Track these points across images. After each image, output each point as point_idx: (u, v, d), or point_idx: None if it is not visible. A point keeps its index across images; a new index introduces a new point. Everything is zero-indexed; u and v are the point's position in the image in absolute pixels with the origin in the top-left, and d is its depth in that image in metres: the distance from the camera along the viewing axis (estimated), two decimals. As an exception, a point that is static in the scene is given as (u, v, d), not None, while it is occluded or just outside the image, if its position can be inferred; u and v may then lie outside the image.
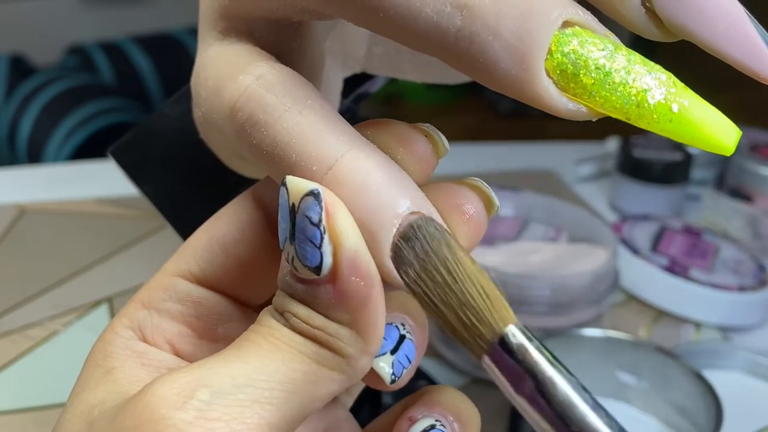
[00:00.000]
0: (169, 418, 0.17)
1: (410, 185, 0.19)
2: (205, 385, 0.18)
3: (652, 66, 0.17)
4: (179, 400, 0.18)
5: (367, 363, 0.19)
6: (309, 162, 0.19)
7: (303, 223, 0.18)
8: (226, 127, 0.21)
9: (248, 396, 0.18)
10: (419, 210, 0.19)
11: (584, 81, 0.17)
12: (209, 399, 0.18)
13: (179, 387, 0.18)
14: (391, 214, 0.18)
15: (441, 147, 0.21)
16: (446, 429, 0.22)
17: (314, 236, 0.18)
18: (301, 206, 0.18)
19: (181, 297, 0.22)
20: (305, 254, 0.18)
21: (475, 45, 0.17)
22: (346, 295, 0.18)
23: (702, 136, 0.17)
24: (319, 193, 0.18)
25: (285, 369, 0.18)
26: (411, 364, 0.22)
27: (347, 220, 0.18)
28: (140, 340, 0.21)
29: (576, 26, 0.17)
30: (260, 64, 0.20)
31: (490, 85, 0.18)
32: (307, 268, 0.18)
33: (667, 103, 0.17)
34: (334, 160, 0.19)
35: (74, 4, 1.65)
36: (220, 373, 0.18)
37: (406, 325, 0.22)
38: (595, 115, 0.17)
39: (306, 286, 0.19)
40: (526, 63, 0.17)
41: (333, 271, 0.18)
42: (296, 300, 0.19)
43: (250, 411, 0.18)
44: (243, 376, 0.18)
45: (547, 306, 0.46)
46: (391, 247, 0.19)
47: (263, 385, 0.18)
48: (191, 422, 0.17)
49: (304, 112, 0.19)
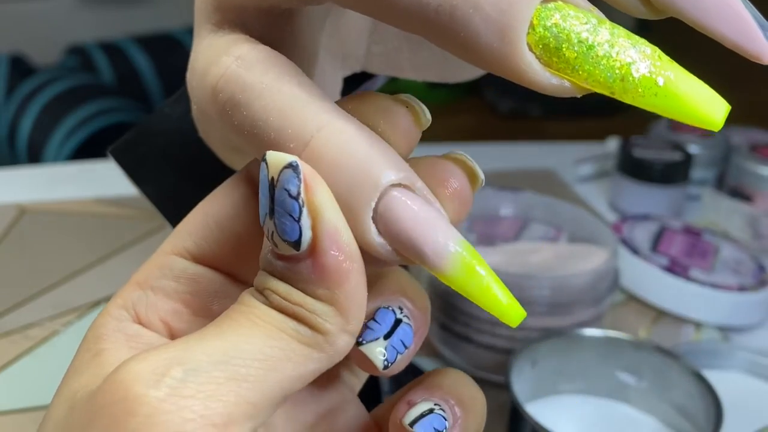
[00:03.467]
0: (142, 395, 0.17)
1: (392, 156, 0.19)
2: (180, 362, 0.18)
3: (636, 39, 0.17)
4: (153, 378, 0.17)
5: (348, 342, 0.19)
6: (287, 139, 0.19)
7: (282, 197, 0.18)
8: (210, 110, 0.21)
9: (223, 373, 0.18)
10: (402, 181, 0.18)
11: (567, 55, 0.17)
12: (183, 376, 0.17)
13: (153, 365, 0.18)
14: (371, 186, 0.18)
15: (422, 117, 0.20)
16: (446, 413, 0.22)
17: (293, 209, 0.18)
18: (280, 179, 0.18)
19: (176, 274, 0.21)
20: (284, 228, 0.18)
21: (455, 19, 0.17)
22: (326, 270, 0.18)
23: (689, 111, 0.16)
24: (297, 165, 0.18)
25: (262, 346, 0.18)
26: (407, 349, 0.22)
27: (326, 193, 0.18)
28: (133, 321, 0.21)
29: (559, 0, 0.17)
30: (241, 45, 0.20)
31: (473, 61, 0.17)
32: (287, 243, 0.18)
33: (652, 77, 0.16)
34: (310, 136, 0.18)
35: (74, 4, 1.65)
36: (196, 351, 0.18)
37: (404, 309, 0.22)
38: (579, 90, 0.17)
39: (286, 262, 0.19)
40: (508, 37, 0.16)
41: (312, 245, 0.18)
42: (276, 277, 0.19)
43: (225, 388, 0.18)
44: (219, 353, 0.18)
45: (547, 306, 0.46)
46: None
47: (239, 363, 0.18)
48: (164, 400, 0.17)
49: (283, 90, 0.19)
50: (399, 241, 0.19)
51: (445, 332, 0.48)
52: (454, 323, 0.47)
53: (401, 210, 0.18)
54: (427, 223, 0.18)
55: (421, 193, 0.19)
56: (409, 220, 0.18)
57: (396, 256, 0.19)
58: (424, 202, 0.19)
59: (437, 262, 0.18)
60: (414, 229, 0.18)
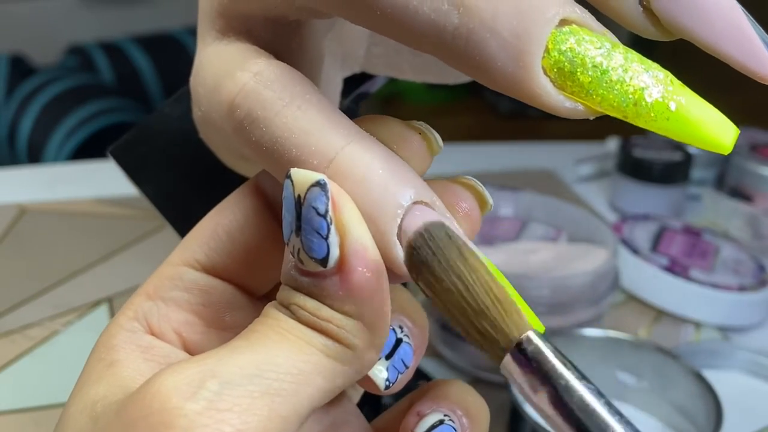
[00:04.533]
0: (179, 408, 0.17)
1: (412, 175, 0.19)
2: (214, 375, 0.18)
3: (649, 64, 0.17)
4: (189, 390, 0.17)
5: (374, 356, 0.19)
6: (310, 156, 0.19)
7: (309, 215, 0.18)
8: (225, 124, 0.21)
9: (257, 387, 0.18)
10: (423, 199, 0.19)
11: (581, 79, 0.17)
12: (219, 389, 0.17)
13: (188, 377, 0.18)
14: (395, 204, 0.18)
15: (435, 145, 0.21)
16: (455, 424, 0.22)
17: (321, 227, 0.18)
18: (308, 197, 0.18)
19: (187, 286, 0.21)
20: (312, 246, 0.18)
21: (472, 43, 0.17)
22: (354, 287, 0.18)
23: (700, 135, 0.17)
24: (325, 183, 0.18)
25: (294, 360, 0.18)
26: (407, 368, 0.22)
27: (353, 210, 0.18)
28: (146, 332, 0.21)
29: (573, 24, 0.17)
30: (258, 61, 0.20)
31: (488, 83, 0.18)
32: (314, 260, 0.18)
33: (664, 102, 0.17)
34: (334, 153, 0.19)
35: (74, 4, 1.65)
36: (229, 364, 0.18)
37: (404, 327, 0.22)
38: (593, 113, 0.17)
39: (312, 278, 0.19)
40: (523, 61, 0.17)
41: (340, 262, 0.18)
42: (302, 293, 0.19)
43: (260, 402, 0.18)
44: (252, 367, 0.18)
45: (547, 306, 0.46)
46: (403, 248, 0.19)
47: (272, 376, 0.18)
48: (201, 413, 0.17)
49: (303, 107, 0.19)
50: None
51: (445, 332, 0.48)
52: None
53: None
54: None
55: (440, 212, 0.19)
56: None
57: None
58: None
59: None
60: None
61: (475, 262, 0.19)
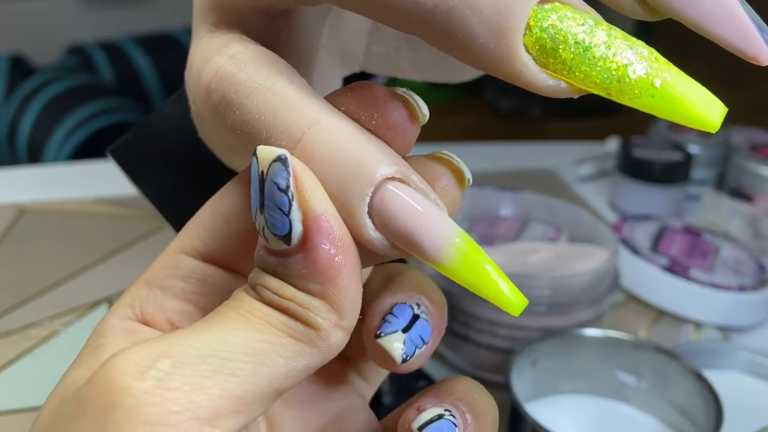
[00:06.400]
0: (127, 387, 0.17)
1: (385, 150, 0.19)
2: (167, 355, 0.18)
3: (633, 41, 0.17)
4: (138, 370, 0.17)
5: (342, 338, 0.19)
6: (278, 137, 0.19)
7: (271, 190, 0.18)
8: (205, 110, 0.21)
9: (210, 366, 0.17)
10: (396, 175, 0.18)
11: (563, 56, 0.17)
12: (169, 369, 0.17)
13: (140, 357, 0.18)
14: (364, 181, 0.18)
15: (419, 113, 0.20)
16: (457, 419, 0.21)
17: (282, 203, 0.18)
18: (269, 173, 0.18)
19: (184, 274, 0.21)
20: (274, 222, 0.18)
21: (452, 20, 0.17)
22: (317, 264, 0.18)
23: (685, 112, 0.16)
24: (286, 158, 0.18)
25: (251, 340, 0.18)
26: (426, 344, 0.22)
27: (315, 185, 0.18)
28: (137, 319, 0.21)
29: (556, 2, 0.17)
30: (234, 44, 0.20)
31: (469, 62, 0.17)
32: (277, 238, 0.18)
33: (648, 78, 0.16)
34: (301, 133, 0.18)
35: (74, 4, 1.65)
36: (183, 344, 0.18)
37: (421, 305, 0.22)
38: (576, 91, 0.17)
39: (277, 257, 0.18)
40: (505, 38, 0.16)
41: (303, 239, 0.18)
42: (268, 273, 0.19)
43: (211, 381, 0.17)
44: (207, 347, 0.18)
45: (547, 306, 0.46)
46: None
47: (227, 356, 0.18)
48: (149, 392, 0.17)
49: (274, 88, 0.19)
50: (396, 235, 0.18)
51: (445, 332, 0.48)
52: (454, 323, 0.47)
53: (396, 203, 0.18)
54: (424, 216, 0.18)
55: (416, 186, 0.19)
56: (404, 213, 0.18)
57: (393, 249, 0.19)
58: (419, 195, 0.19)
59: (435, 255, 0.18)
60: (410, 222, 0.18)
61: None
